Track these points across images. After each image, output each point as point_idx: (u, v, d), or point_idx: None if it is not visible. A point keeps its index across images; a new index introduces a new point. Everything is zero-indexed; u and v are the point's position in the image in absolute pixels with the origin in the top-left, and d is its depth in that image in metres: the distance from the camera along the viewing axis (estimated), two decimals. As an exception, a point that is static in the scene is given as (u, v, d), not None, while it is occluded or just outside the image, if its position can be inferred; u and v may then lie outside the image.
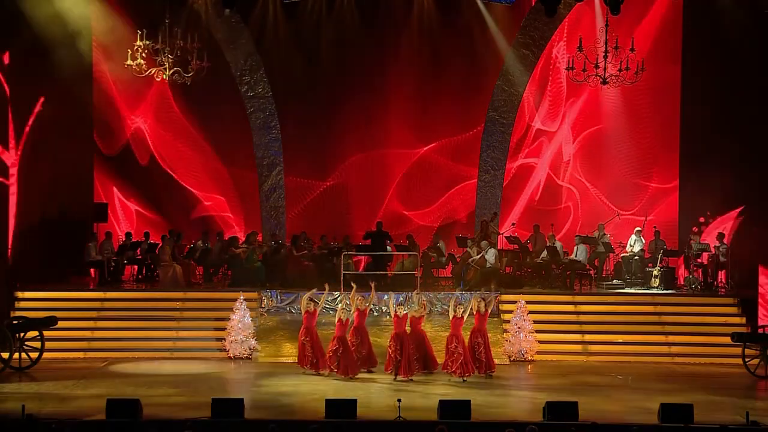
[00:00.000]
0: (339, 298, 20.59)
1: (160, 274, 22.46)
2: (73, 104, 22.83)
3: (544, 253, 22.51)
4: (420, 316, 17.86)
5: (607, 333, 20.01)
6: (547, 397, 14.60)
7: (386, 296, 19.90)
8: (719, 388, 17.01)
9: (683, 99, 23.64)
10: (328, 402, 14.09)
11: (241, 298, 19.66)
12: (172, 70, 20.27)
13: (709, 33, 22.54)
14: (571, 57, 20.17)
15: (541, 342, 19.46)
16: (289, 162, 24.67)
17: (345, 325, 17.69)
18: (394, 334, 17.49)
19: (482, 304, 17.69)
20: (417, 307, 17.95)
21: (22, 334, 18.19)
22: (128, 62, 20.24)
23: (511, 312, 19.76)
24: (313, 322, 17.89)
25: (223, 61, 23.96)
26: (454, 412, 13.89)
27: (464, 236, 23.39)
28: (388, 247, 22.70)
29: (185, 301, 21.08)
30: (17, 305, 20.32)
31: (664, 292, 21.53)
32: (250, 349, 19.36)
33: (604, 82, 19.77)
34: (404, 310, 17.65)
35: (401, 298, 20.28)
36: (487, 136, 24.56)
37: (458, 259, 22.73)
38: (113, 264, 22.68)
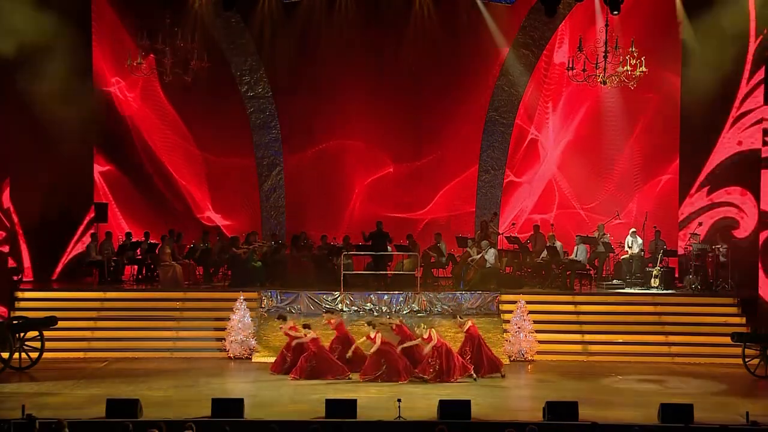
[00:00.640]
0: (339, 298, 20.61)
1: (160, 274, 22.46)
2: (73, 104, 22.86)
3: (544, 253, 22.51)
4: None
5: (607, 333, 20.02)
6: (547, 397, 14.61)
7: (386, 296, 20.07)
8: (719, 388, 17.01)
9: (683, 99, 23.63)
10: (328, 402, 14.11)
11: (241, 298, 19.67)
12: (172, 71, 20.26)
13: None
14: (571, 57, 20.18)
15: (541, 342, 19.46)
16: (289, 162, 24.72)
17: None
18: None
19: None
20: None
21: (22, 334, 18.18)
22: (128, 62, 20.26)
23: (511, 312, 19.76)
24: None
25: (223, 61, 23.97)
26: (454, 412, 13.91)
27: (464, 236, 23.40)
28: (388, 247, 22.70)
29: (185, 301, 21.09)
30: (17, 305, 20.33)
31: (664, 292, 21.54)
32: (250, 349, 19.36)
33: (604, 82, 19.77)
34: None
35: (401, 298, 20.37)
36: (487, 136, 24.57)
37: (458, 259, 22.73)
38: (113, 264, 22.68)
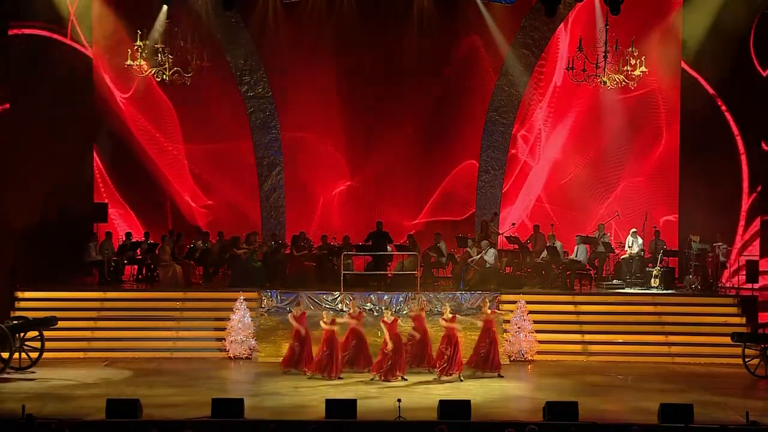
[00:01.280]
0: (339, 298, 20.61)
1: (160, 274, 22.45)
2: (73, 104, 22.88)
3: (544, 253, 22.49)
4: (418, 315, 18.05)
5: (607, 333, 20.01)
6: (547, 397, 14.61)
7: (386, 296, 19.99)
8: (719, 388, 17.01)
9: (683, 99, 23.65)
10: (328, 402, 14.11)
11: (241, 298, 19.67)
12: (172, 70, 20.27)
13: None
14: (571, 57, 20.17)
15: (541, 342, 19.46)
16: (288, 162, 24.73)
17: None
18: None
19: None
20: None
21: (22, 334, 18.18)
22: (128, 62, 20.26)
23: (511, 312, 19.75)
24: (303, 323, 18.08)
25: (223, 61, 23.97)
26: (454, 412, 13.91)
27: (464, 236, 23.40)
28: (388, 247, 22.69)
29: (185, 301, 21.07)
30: (17, 305, 20.32)
31: (664, 292, 21.54)
32: (250, 349, 19.36)
33: (604, 82, 19.77)
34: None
35: (401, 298, 20.38)
36: (487, 136, 24.56)
37: (458, 259, 22.73)
38: (113, 264, 22.68)
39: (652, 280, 21.84)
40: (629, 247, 22.58)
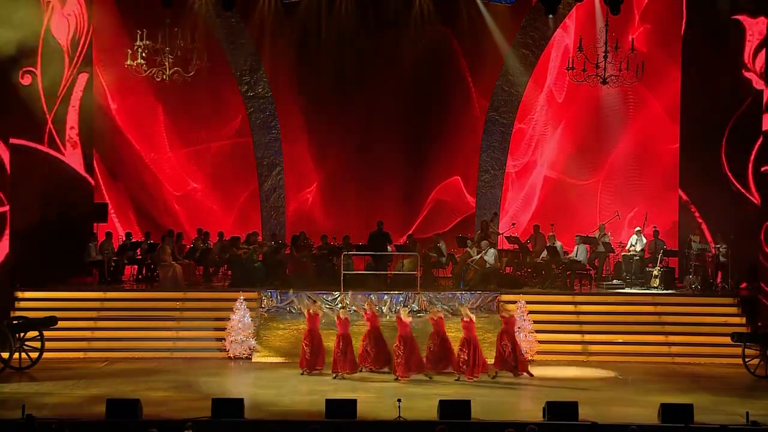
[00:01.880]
0: (339, 298, 20.61)
1: (160, 274, 22.45)
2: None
3: (544, 253, 22.49)
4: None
5: (607, 333, 20.00)
6: (547, 397, 14.61)
7: (386, 296, 19.99)
8: (719, 388, 17.01)
9: (683, 99, 23.63)
10: (328, 402, 14.11)
11: (241, 298, 19.67)
12: (172, 70, 20.27)
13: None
14: (571, 57, 20.17)
15: (541, 342, 19.45)
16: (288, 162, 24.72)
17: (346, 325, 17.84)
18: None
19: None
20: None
21: (22, 334, 18.19)
22: (128, 62, 20.25)
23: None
24: (316, 325, 17.99)
25: (223, 61, 23.97)
26: (454, 412, 13.90)
27: (464, 236, 23.40)
28: (388, 247, 22.69)
29: (185, 301, 21.06)
30: (17, 305, 20.32)
31: (664, 292, 21.54)
32: (250, 349, 19.36)
33: (604, 82, 19.77)
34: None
35: (401, 298, 20.37)
36: (487, 136, 24.56)
37: (458, 259, 22.73)
38: (113, 264, 22.67)
39: (652, 280, 21.85)
40: (632, 245, 22.57)
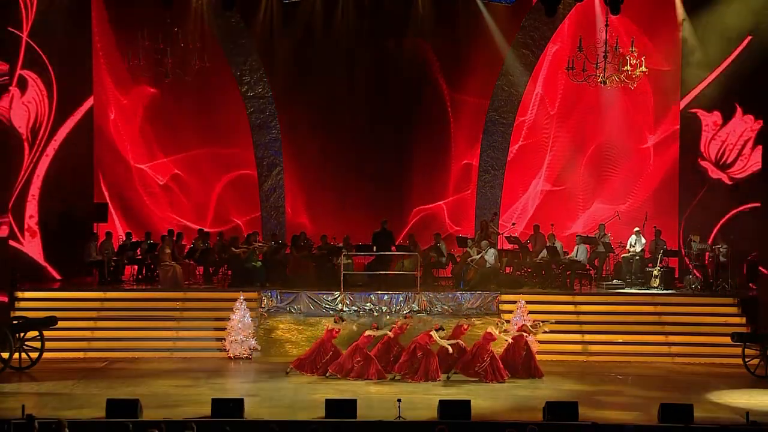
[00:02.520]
0: (339, 298, 20.62)
1: (160, 274, 22.45)
2: (73, 105, 22.89)
3: (544, 253, 22.50)
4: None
5: (607, 333, 20.01)
6: (547, 397, 14.61)
7: (386, 296, 20.17)
8: (719, 388, 17.02)
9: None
10: (328, 402, 14.11)
11: (241, 298, 19.67)
12: (172, 71, 20.27)
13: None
14: (570, 57, 20.16)
15: (541, 342, 19.42)
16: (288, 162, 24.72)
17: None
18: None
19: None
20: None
21: (22, 334, 18.19)
22: (128, 62, 20.26)
23: (511, 312, 19.74)
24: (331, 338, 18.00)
25: (223, 61, 23.97)
26: (454, 412, 13.92)
27: (464, 236, 23.40)
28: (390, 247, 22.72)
29: (185, 301, 21.07)
30: (17, 305, 20.32)
31: (664, 292, 21.54)
32: (250, 349, 19.36)
33: (604, 82, 19.76)
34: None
35: (401, 298, 20.38)
36: (487, 136, 24.56)
37: (458, 259, 22.73)
38: (113, 264, 22.68)
39: (652, 280, 21.85)
40: (632, 245, 22.57)
